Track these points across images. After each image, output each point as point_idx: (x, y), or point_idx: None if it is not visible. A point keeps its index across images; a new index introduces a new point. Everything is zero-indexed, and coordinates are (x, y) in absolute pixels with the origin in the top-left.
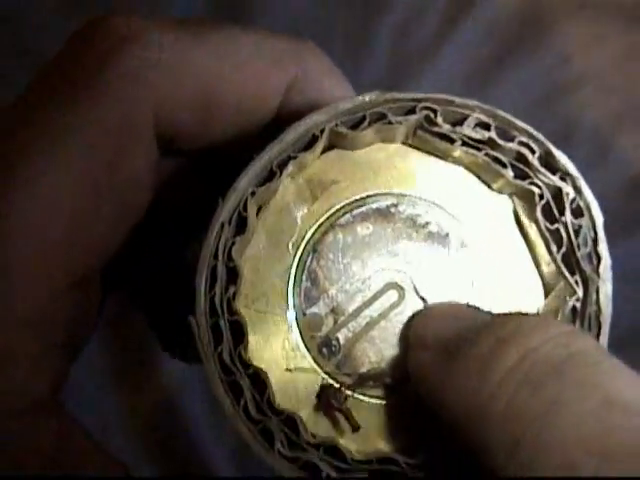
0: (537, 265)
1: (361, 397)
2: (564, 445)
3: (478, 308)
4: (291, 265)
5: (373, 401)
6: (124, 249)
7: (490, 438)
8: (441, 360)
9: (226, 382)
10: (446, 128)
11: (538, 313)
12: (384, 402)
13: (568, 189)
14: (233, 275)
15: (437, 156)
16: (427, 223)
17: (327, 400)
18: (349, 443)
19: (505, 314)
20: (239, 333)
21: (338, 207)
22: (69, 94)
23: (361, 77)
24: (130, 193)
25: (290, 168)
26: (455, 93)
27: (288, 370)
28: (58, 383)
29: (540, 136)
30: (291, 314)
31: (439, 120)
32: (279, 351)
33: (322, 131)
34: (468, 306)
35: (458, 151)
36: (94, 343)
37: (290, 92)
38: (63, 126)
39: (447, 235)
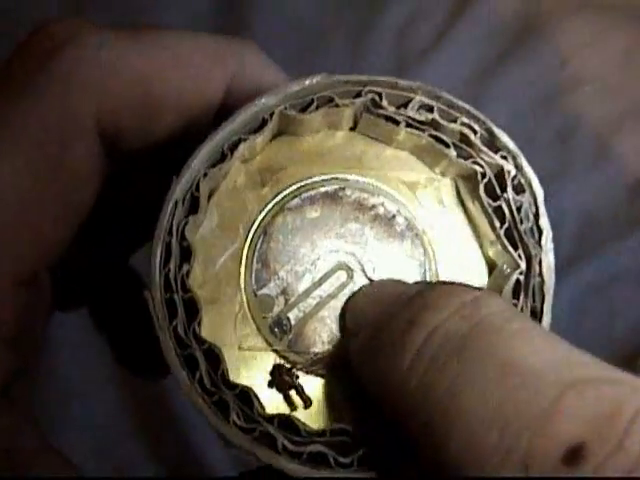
0: (480, 245)
1: (311, 375)
2: (467, 421)
3: (404, 282)
4: (242, 247)
5: (322, 379)
6: (73, 247)
7: (408, 418)
8: (367, 344)
9: (181, 355)
10: (391, 110)
11: (452, 283)
12: (333, 379)
13: (509, 167)
14: (186, 254)
15: (382, 142)
16: (373, 206)
17: (280, 377)
18: (302, 417)
19: (418, 287)
20: (193, 310)
21: (287, 192)
22: (11, 93)
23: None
24: (74, 190)
25: (240, 150)
26: (455, 93)
27: (241, 348)
28: (8, 380)
29: (481, 116)
30: (242, 295)
31: (384, 103)
32: (232, 330)
33: (271, 114)
34: (395, 282)
35: (403, 133)
36: (92, 347)
37: (231, 87)
38: (5, 124)
39: (393, 217)
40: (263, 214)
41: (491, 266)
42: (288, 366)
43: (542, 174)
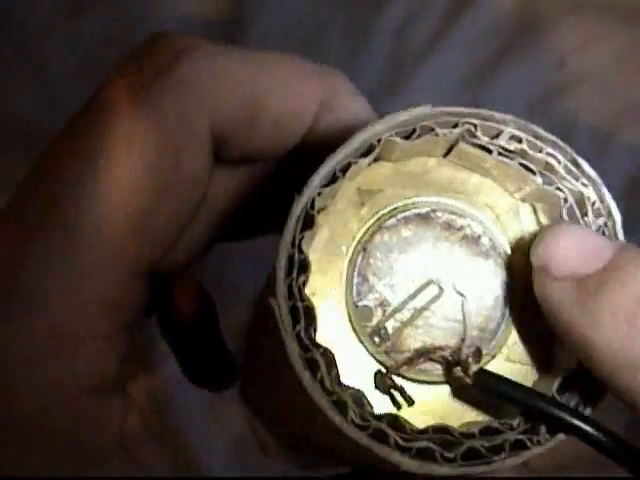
0: None
1: (411, 377)
2: None
3: (602, 236)
4: (344, 262)
5: (422, 380)
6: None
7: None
8: (578, 297)
9: (303, 358)
10: (485, 140)
11: None
12: (431, 381)
13: (590, 193)
14: (303, 266)
15: (469, 169)
16: (461, 227)
17: (382, 380)
18: (407, 416)
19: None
20: (310, 317)
21: (384, 212)
22: (134, 99)
23: (360, 77)
24: (189, 190)
25: (350, 172)
26: (454, 92)
27: (345, 355)
28: (124, 362)
29: (567, 146)
30: (344, 305)
31: (479, 133)
32: (336, 339)
33: (379, 140)
34: (592, 233)
35: (491, 161)
36: None
37: (321, 110)
38: (130, 124)
39: (479, 237)
40: (362, 232)
41: None
42: (388, 369)
43: None
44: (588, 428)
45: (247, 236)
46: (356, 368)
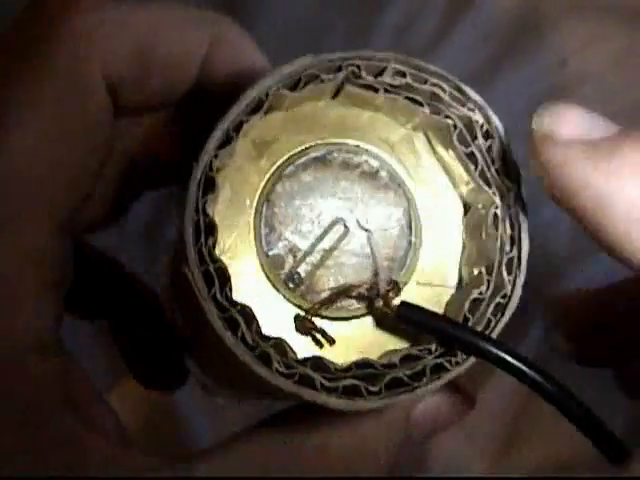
0: (455, 187)
1: (330, 316)
2: None
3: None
4: (250, 215)
5: (341, 317)
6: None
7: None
8: (594, 156)
9: (222, 319)
10: (370, 79)
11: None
12: (350, 317)
13: (478, 117)
14: (209, 228)
15: (360, 107)
16: (359, 164)
17: (302, 324)
18: (331, 356)
19: None
20: (223, 278)
21: (282, 161)
22: (32, 53)
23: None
24: (94, 135)
25: (243, 130)
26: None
27: (263, 304)
28: (58, 321)
29: (449, 75)
30: (255, 257)
31: (363, 74)
32: (253, 290)
33: (267, 95)
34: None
35: (381, 98)
36: (92, 338)
37: (211, 49)
38: (32, 77)
39: (377, 172)
40: (263, 184)
41: (467, 205)
42: (305, 311)
43: None
44: (496, 351)
45: (171, 182)
46: (276, 316)
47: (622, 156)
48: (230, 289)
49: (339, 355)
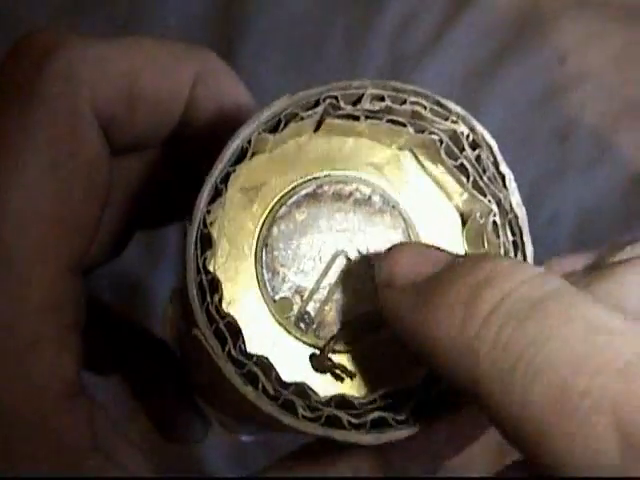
0: (450, 199)
1: (345, 350)
2: (555, 368)
3: (440, 249)
4: (251, 263)
5: (353, 352)
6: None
7: (481, 374)
8: (417, 300)
9: (241, 375)
10: (349, 109)
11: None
12: (365, 350)
13: (462, 128)
14: (213, 285)
15: (342, 135)
16: (350, 193)
17: (319, 362)
18: (351, 391)
19: (475, 257)
20: (235, 332)
21: (274, 203)
22: (17, 101)
23: (359, 76)
24: (92, 175)
25: (231, 180)
26: (454, 92)
27: (278, 350)
28: (79, 365)
29: (427, 92)
30: (263, 304)
31: (342, 104)
32: (265, 338)
33: (249, 141)
34: (434, 246)
35: (363, 125)
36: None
37: (195, 86)
38: (21, 128)
39: (369, 198)
40: (259, 229)
41: (464, 215)
42: (321, 350)
43: (541, 172)
44: None
45: (167, 221)
46: (293, 360)
47: (441, 293)
48: (243, 342)
49: (360, 388)
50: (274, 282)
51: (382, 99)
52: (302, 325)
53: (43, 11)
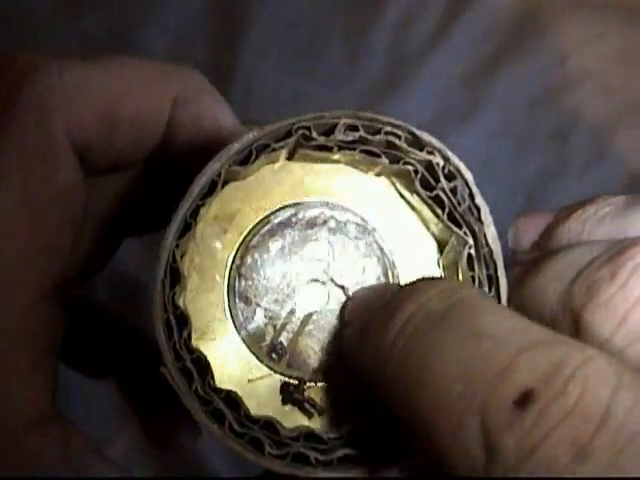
0: (427, 227)
1: (314, 385)
2: (437, 378)
3: (391, 284)
4: (223, 293)
5: (324, 385)
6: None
7: (390, 387)
8: (357, 332)
9: (207, 412)
10: (322, 140)
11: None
12: (335, 384)
13: (437, 159)
14: (182, 319)
15: (317, 162)
16: (325, 221)
17: (290, 395)
18: (318, 426)
19: (411, 282)
20: (203, 367)
21: (247, 232)
22: None
23: (360, 76)
24: (68, 199)
25: (201, 214)
26: (454, 91)
27: (250, 381)
28: (52, 389)
29: (402, 123)
30: (236, 334)
31: (314, 134)
32: (237, 369)
33: (219, 175)
34: (385, 285)
35: (337, 155)
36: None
37: (176, 106)
38: None
39: (345, 225)
40: (232, 258)
41: (440, 243)
42: (294, 382)
43: (540, 171)
44: None
45: (152, 228)
46: (263, 391)
47: (374, 326)
48: (212, 377)
49: (327, 422)
50: (246, 312)
51: (356, 129)
52: (274, 355)
53: (44, 10)
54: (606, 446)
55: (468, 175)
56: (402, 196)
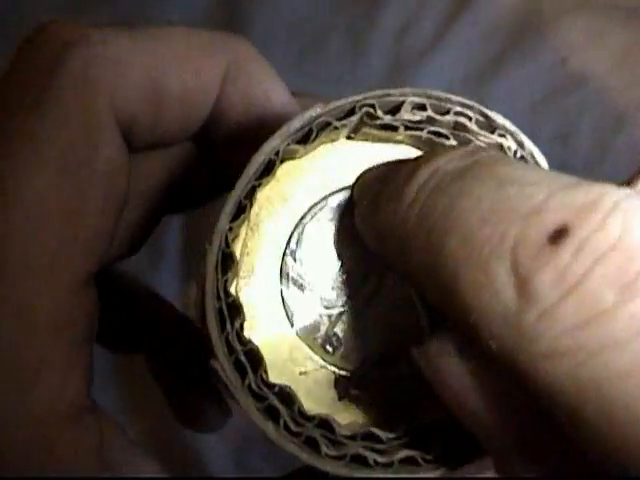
0: None
1: (370, 381)
2: (466, 222)
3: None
4: (277, 280)
5: (382, 379)
6: (120, 247)
7: (411, 248)
8: (370, 204)
9: (262, 409)
10: (387, 118)
11: None
12: (396, 377)
13: (509, 143)
14: (234, 309)
15: (379, 141)
16: None
17: (346, 390)
18: (375, 425)
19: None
20: (256, 361)
21: (302, 215)
22: (28, 104)
23: (361, 77)
24: (110, 181)
25: (255, 196)
26: (455, 92)
27: (302, 374)
28: (89, 381)
29: (474, 103)
30: (288, 324)
31: (379, 113)
32: (290, 362)
33: (277, 153)
34: (398, 160)
35: (401, 135)
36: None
37: (226, 80)
38: (31, 133)
39: None
40: (286, 243)
41: None
42: (348, 375)
43: None
44: None
45: (195, 206)
46: (319, 386)
47: (386, 191)
48: (265, 371)
49: (384, 421)
50: (301, 301)
51: (424, 108)
52: (329, 347)
53: (45, 8)
54: None
55: (542, 160)
56: None
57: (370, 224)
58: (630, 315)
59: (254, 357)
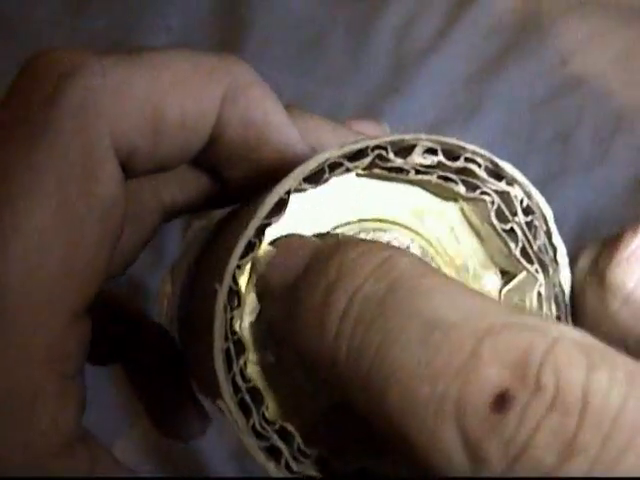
0: (492, 257)
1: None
2: (399, 379)
3: (306, 238)
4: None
5: None
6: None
7: (346, 383)
8: (288, 311)
9: (264, 449)
10: (398, 162)
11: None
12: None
13: (517, 192)
14: (239, 347)
15: (386, 180)
16: (389, 242)
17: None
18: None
19: (330, 248)
20: (258, 398)
21: None
22: (26, 135)
23: (362, 77)
24: (107, 214)
25: (267, 234)
26: (456, 92)
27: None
28: (82, 410)
29: (485, 152)
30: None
31: (391, 156)
32: (288, 397)
33: (288, 193)
34: (299, 238)
35: (411, 177)
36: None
37: (224, 103)
38: (29, 167)
39: (408, 248)
40: None
41: (503, 273)
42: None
43: (542, 173)
44: None
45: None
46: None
47: (301, 303)
48: (267, 408)
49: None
50: None
51: (435, 153)
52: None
53: (44, 11)
54: (591, 437)
55: (548, 212)
56: (470, 223)
57: (292, 332)
58: (567, 473)
59: (256, 395)
